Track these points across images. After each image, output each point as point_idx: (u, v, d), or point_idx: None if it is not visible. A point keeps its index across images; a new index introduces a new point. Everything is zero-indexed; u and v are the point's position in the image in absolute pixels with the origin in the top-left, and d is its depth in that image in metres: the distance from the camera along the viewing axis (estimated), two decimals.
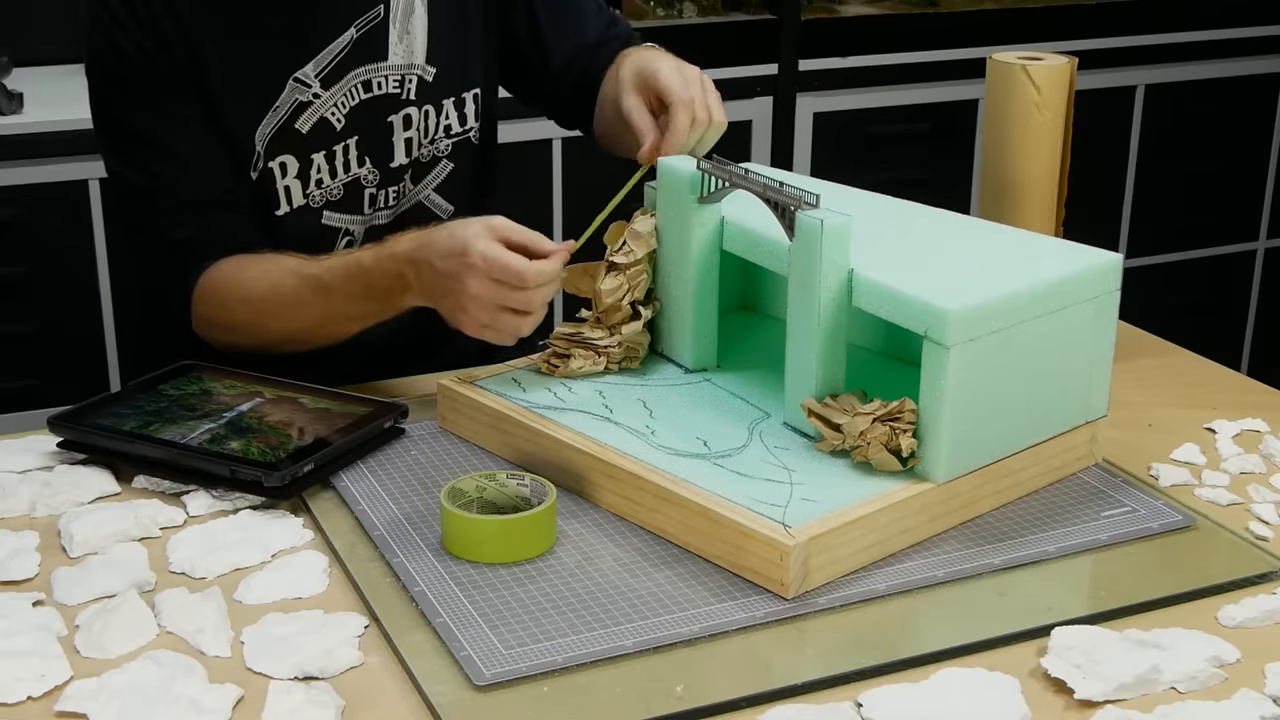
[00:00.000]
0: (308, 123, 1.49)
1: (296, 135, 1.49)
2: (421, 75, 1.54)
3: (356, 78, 1.50)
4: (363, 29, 1.49)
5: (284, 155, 1.49)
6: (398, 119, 1.54)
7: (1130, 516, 1.19)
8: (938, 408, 1.13)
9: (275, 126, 1.48)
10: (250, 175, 1.48)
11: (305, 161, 1.50)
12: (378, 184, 1.54)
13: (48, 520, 1.19)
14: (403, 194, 1.56)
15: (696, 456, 1.19)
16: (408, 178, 1.56)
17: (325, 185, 1.51)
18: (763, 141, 2.91)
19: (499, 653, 1.00)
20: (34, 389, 2.48)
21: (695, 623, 1.04)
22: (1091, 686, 0.96)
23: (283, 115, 1.48)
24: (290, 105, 1.48)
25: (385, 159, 1.54)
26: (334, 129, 1.50)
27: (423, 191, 1.58)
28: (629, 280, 1.34)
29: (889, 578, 1.10)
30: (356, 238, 1.54)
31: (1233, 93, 3.33)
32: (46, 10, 2.81)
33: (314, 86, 1.48)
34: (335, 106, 1.50)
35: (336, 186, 1.52)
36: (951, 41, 3.04)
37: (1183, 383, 1.48)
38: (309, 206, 1.51)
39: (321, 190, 1.51)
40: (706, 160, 1.29)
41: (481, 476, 1.18)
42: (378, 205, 1.55)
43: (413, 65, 1.54)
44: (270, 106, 1.47)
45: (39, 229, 2.43)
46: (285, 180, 1.49)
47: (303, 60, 1.48)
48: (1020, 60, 1.48)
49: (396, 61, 1.52)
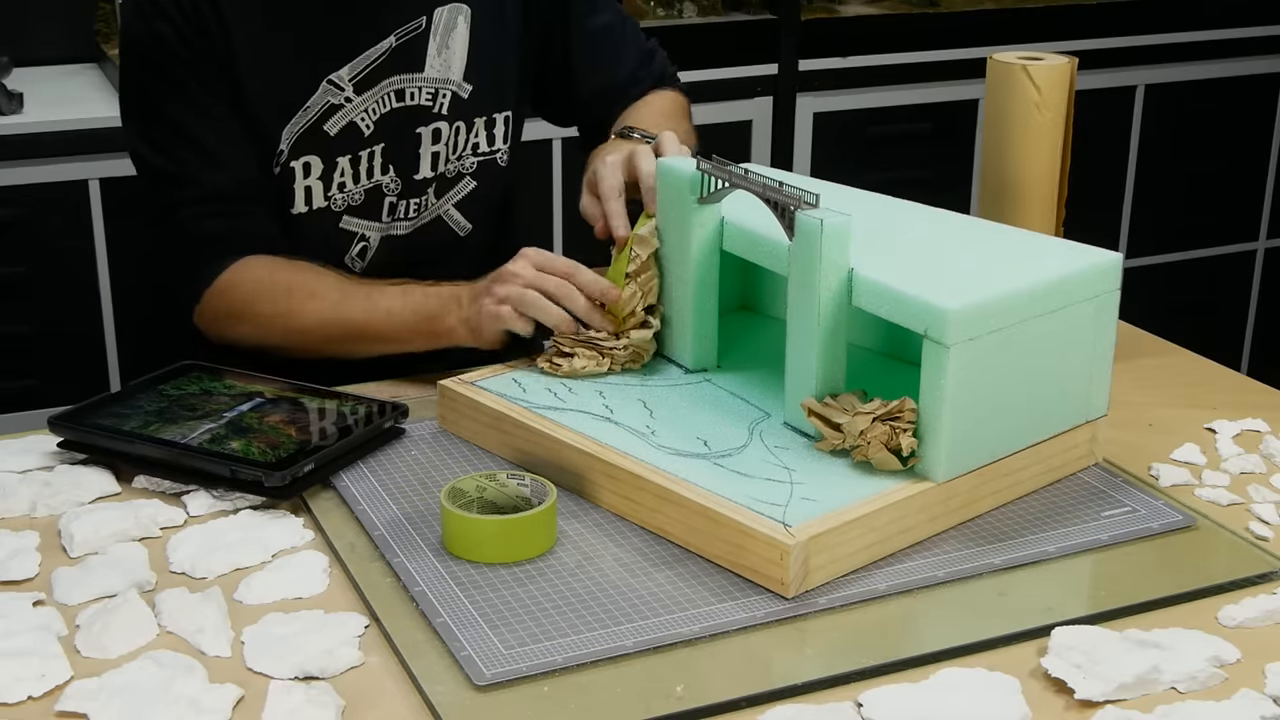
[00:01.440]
0: (336, 125, 1.49)
1: (324, 137, 1.50)
2: (456, 91, 1.55)
3: (390, 86, 1.51)
4: (402, 38, 1.50)
5: (309, 155, 1.49)
6: (427, 131, 1.54)
7: (1130, 516, 1.19)
8: (938, 407, 1.13)
9: (304, 126, 1.48)
10: (272, 171, 1.49)
11: (330, 164, 1.50)
12: (399, 193, 1.55)
13: (48, 520, 1.19)
14: (424, 206, 1.57)
15: (697, 456, 1.19)
16: (431, 191, 1.57)
17: (347, 189, 1.51)
18: (763, 141, 2.91)
19: (499, 653, 1.00)
20: (34, 389, 2.48)
21: (695, 623, 1.04)
22: (1091, 686, 0.96)
23: (313, 116, 1.48)
24: (321, 107, 1.48)
25: (410, 170, 1.55)
26: (362, 134, 1.51)
27: (443, 206, 1.58)
28: (641, 287, 1.34)
29: (889, 578, 1.10)
30: (371, 245, 1.55)
31: (1233, 93, 3.33)
32: (46, 10, 2.81)
33: (347, 90, 1.49)
34: (366, 112, 1.50)
35: (359, 192, 1.52)
36: (951, 41, 3.04)
37: (1183, 383, 1.48)
38: (329, 209, 1.52)
39: (343, 194, 1.52)
40: (706, 161, 1.29)
41: (482, 476, 1.18)
42: (397, 215, 1.56)
43: (448, 80, 1.54)
44: (301, 106, 1.48)
45: (39, 229, 2.43)
46: (307, 180, 1.50)
47: (339, 63, 1.49)
48: (1020, 60, 1.48)
49: (432, 74, 1.53)
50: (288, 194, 1.50)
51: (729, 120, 2.87)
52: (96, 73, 2.78)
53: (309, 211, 1.51)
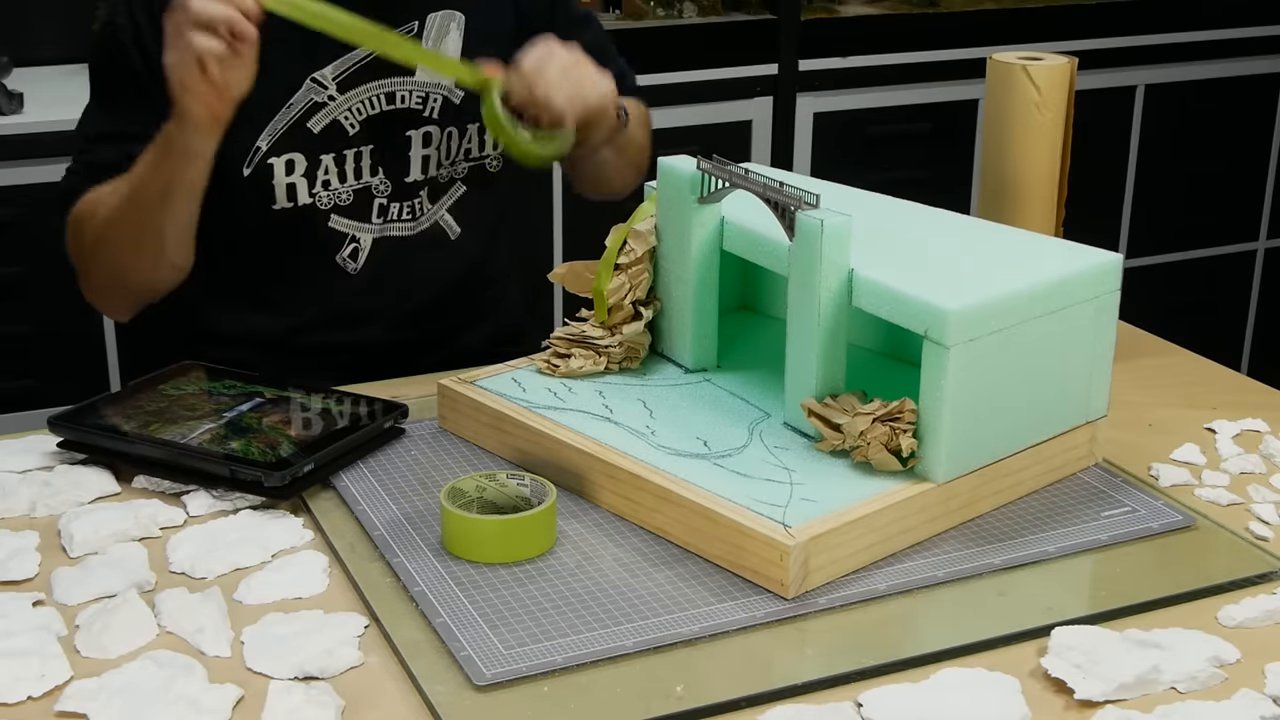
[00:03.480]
0: (320, 124, 1.50)
1: (307, 134, 1.50)
2: (448, 96, 1.55)
3: (380, 88, 1.51)
4: None
5: (292, 152, 1.50)
6: (417, 135, 1.55)
7: (1130, 516, 1.19)
8: (938, 407, 1.13)
9: (288, 123, 1.49)
10: (242, 170, 1.49)
11: (313, 161, 1.51)
12: (389, 195, 1.55)
13: (48, 520, 1.19)
14: (418, 210, 1.57)
15: (697, 456, 1.19)
16: (424, 194, 1.57)
17: (333, 188, 1.52)
18: (763, 141, 2.91)
19: (499, 653, 1.00)
20: (33, 389, 2.48)
21: (695, 623, 1.04)
22: (1092, 686, 0.96)
23: (296, 113, 1.49)
24: (304, 104, 1.49)
25: (400, 173, 1.55)
26: (346, 133, 1.51)
27: (438, 212, 1.58)
28: (630, 279, 1.34)
29: (889, 578, 1.10)
30: (363, 246, 1.55)
31: (1233, 93, 3.33)
32: (46, 10, 2.81)
33: (330, 89, 1.49)
34: (350, 111, 1.50)
35: (346, 191, 1.52)
36: (951, 41, 3.04)
37: (1183, 383, 1.48)
38: (315, 207, 1.52)
39: (329, 192, 1.52)
40: (706, 160, 1.29)
41: (481, 476, 1.18)
42: (390, 216, 1.56)
43: (439, 84, 1.54)
44: (285, 103, 1.48)
45: (38, 229, 2.43)
46: (290, 177, 1.50)
47: (323, 62, 1.49)
48: (1020, 60, 1.48)
49: (423, 78, 1.53)
50: (266, 190, 1.50)
51: (729, 120, 2.87)
52: None
53: (293, 208, 1.51)
